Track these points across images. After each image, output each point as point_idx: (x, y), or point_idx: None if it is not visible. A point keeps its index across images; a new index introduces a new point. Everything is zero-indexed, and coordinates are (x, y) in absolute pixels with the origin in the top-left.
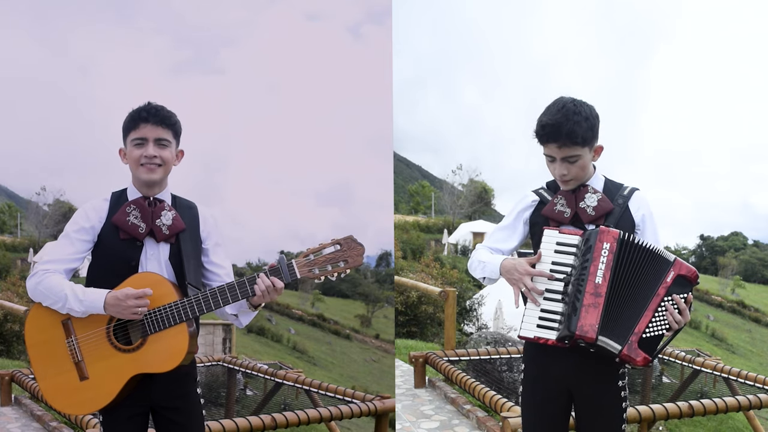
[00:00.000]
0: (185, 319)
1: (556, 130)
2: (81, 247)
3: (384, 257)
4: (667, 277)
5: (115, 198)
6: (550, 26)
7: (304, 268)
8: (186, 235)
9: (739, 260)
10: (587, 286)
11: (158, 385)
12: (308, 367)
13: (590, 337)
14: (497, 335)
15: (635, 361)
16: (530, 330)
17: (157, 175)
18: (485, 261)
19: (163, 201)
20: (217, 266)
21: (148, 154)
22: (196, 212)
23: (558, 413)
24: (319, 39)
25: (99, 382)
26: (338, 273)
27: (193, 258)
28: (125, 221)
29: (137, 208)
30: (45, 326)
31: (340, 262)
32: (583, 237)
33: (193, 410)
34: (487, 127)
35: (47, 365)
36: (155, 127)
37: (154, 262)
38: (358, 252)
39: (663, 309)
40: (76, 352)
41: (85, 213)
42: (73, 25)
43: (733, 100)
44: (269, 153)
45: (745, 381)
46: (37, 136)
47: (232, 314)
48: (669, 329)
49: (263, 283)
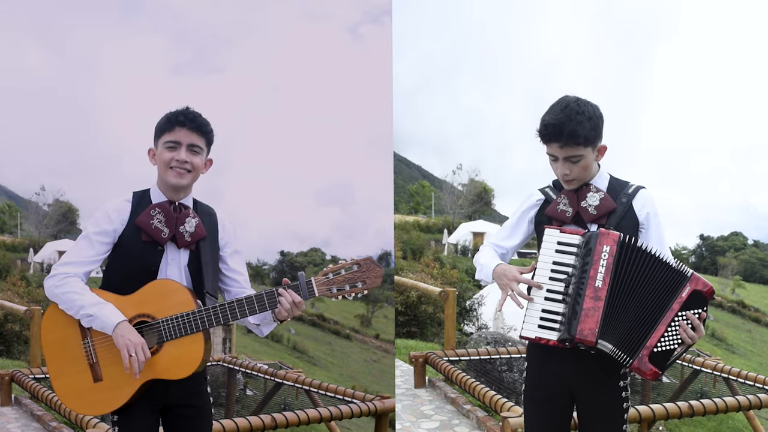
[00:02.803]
0: (202, 329)
1: (558, 130)
2: (101, 249)
3: (384, 257)
4: (683, 292)
5: (138, 198)
6: (552, 27)
7: (323, 287)
8: (206, 242)
9: (739, 260)
10: (587, 290)
11: (176, 386)
12: (308, 367)
13: (590, 341)
14: (497, 335)
15: (645, 374)
16: (531, 330)
17: (186, 180)
18: (483, 264)
19: (188, 207)
20: (236, 273)
21: (180, 158)
22: (216, 219)
23: (560, 413)
24: (319, 39)
25: (113, 384)
26: (355, 293)
27: (211, 266)
28: (149, 224)
29: (162, 212)
30: (62, 325)
31: (358, 282)
32: (584, 238)
33: (205, 407)
34: (491, 128)
35: (62, 364)
36: (190, 132)
37: (175, 267)
38: (377, 274)
39: (677, 324)
40: (92, 353)
41: (107, 215)
42: (73, 25)
43: (733, 99)
44: (269, 153)
45: (745, 381)
46: (38, 136)
47: (254, 323)
48: (681, 344)
49: (287, 301)
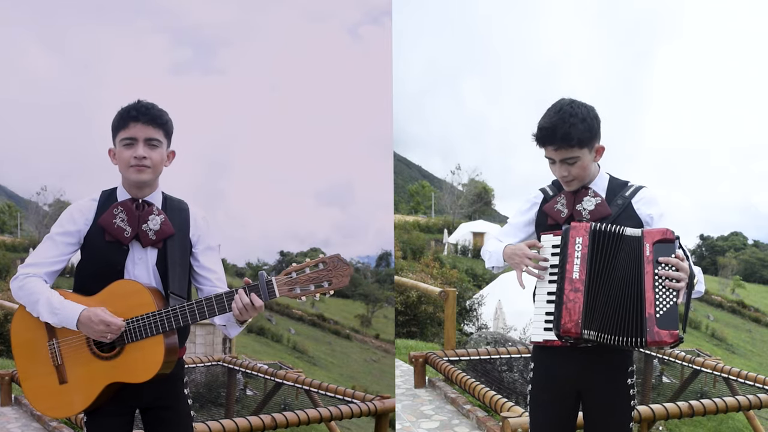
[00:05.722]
0: (162, 331)
1: (552, 133)
2: (65, 249)
3: (384, 257)
4: (645, 251)
5: (104, 197)
6: (554, 27)
7: (284, 287)
8: (174, 240)
9: (739, 260)
10: (565, 284)
11: (148, 388)
12: (308, 367)
13: (574, 332)
14: (497, 335)
15: (664, 343)
16: (539, 334)
17: (147, 176)
18: (491, 251)
19: (152, 204)
20: (209, 270)
21: (138, 154)
22: (187, 214)
23: (566, 414)
24: (319, 39)
25: (77, 386)
26: (321, 293)
27: (179, 265)
28: (111, 223)
29: (124, 210)
30: (30, 326)
31: (324, 282)
32: (562, 236)
33: (182, 410)
34: (493, 130)
35: (30, 366)
36: (145, 126)
37: (143, 267)
38: (345, 272)
39: (660, 282)
40: (57, 355)
41: (70, 215)
42: (73, 25)
43: (733, 99)
44: (269, 153)
45: (745, 381)
46: (38, 136)
47: (220, 324)
48: (677, 295)
49: (240, 301)
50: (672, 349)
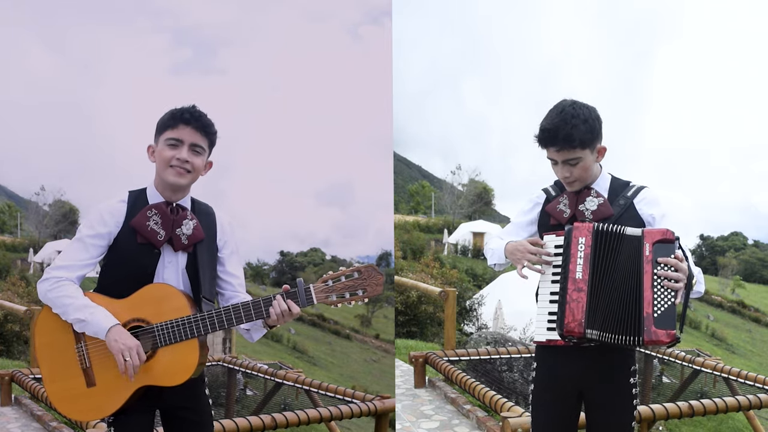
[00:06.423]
0: (197, 335)
1: (554, 135)
2: (95, 252)
3: (384, 257)
4: (644, 251)
5: (133, 199)
6: (555, 27)
7: (321, 294)
8: (203, 244)
9: (739, 260)
10: (568, 284)
11: (171, 390)
12: (308, 367)
13: (577, 332)
14: (497, 335)
15: (661, 342)
16: (542, 334)
17: (185, 180)
18: (493, 248)
19: (185, 209)
20: (232, 276)
21: (182, 157)
22: (214, 219)
23: (568, 413)
24: (319, 40)
25: (106, 390)
26: (356, 301)
27: (208, 269)
28: (145, 226)
29: (159, 213)
30: (55, 328)
31: (358, 290)
32: (564, 236)
33: (205, 409)
34: (494, 130)
35: (55, 368)
36: (194, 131)
37: (172, 271)
38: (378, 281)
39: (659, 282)
40: (85, 358)
41: (101, 217)
42: (74, 25)
43: (733, 99)
44: (270, 153)
45: (745, 381)
46: (38, 136)
47: (245, 329)
48: (675, 295)
49: (279, 307)
50: (670, 348)
